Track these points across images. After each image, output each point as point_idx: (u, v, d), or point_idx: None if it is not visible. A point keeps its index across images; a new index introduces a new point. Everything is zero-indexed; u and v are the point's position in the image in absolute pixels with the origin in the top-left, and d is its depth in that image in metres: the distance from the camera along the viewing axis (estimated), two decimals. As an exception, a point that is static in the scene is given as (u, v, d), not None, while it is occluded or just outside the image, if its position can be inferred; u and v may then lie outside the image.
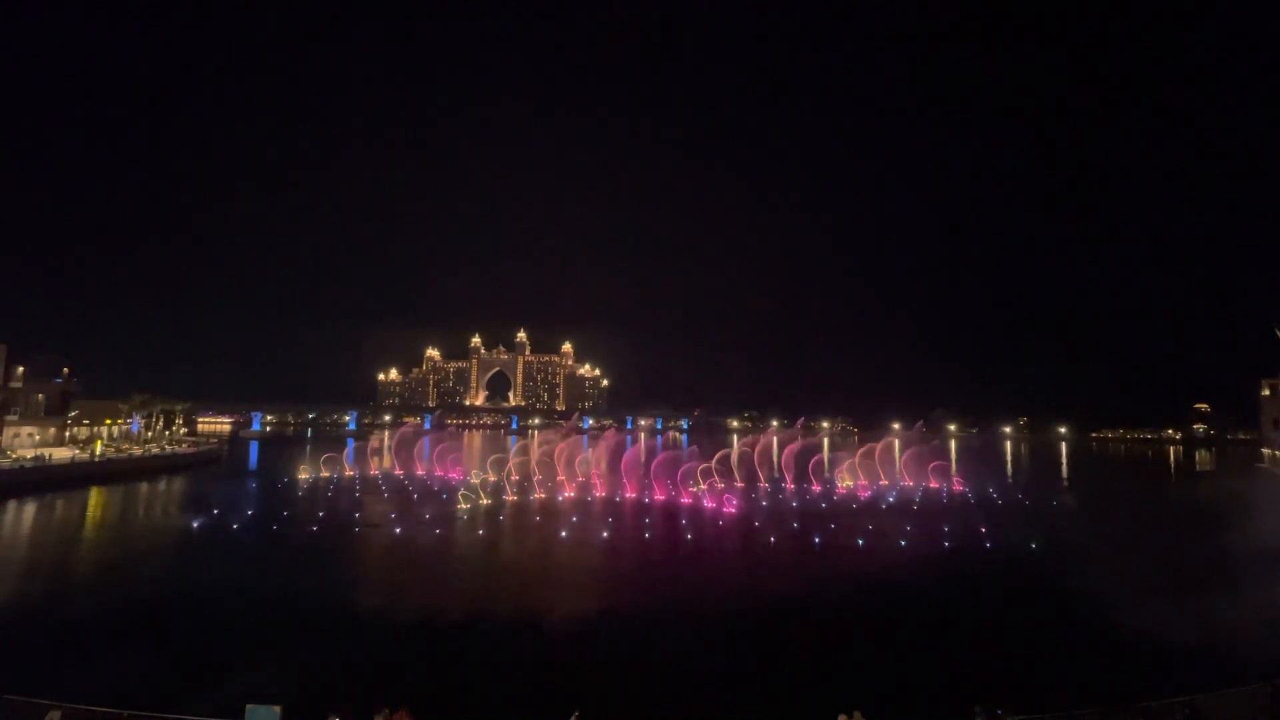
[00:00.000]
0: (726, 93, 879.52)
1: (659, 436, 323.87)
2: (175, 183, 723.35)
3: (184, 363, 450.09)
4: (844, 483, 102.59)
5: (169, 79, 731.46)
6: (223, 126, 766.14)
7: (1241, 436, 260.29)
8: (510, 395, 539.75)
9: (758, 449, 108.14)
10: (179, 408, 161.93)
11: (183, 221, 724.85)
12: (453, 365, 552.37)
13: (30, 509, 70.93)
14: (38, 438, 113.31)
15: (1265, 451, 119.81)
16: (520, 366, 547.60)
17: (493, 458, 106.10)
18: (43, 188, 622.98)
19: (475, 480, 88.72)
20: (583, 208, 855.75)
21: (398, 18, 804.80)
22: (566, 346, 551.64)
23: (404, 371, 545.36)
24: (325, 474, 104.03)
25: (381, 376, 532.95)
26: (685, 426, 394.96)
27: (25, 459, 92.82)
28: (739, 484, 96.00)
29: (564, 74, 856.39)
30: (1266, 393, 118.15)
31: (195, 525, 61.41)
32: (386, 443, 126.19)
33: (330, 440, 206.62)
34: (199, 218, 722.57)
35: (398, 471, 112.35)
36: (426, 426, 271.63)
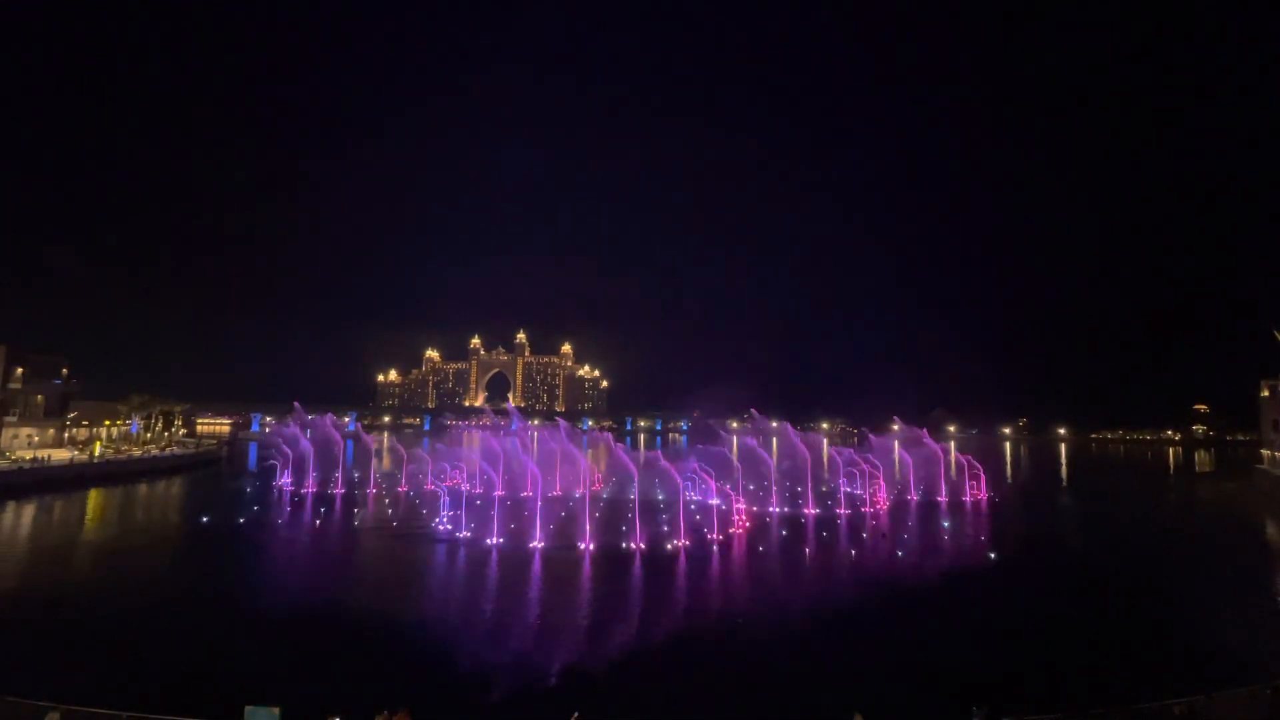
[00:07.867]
0: (727, 92, 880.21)
1: (659, 438, 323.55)
2: (175, 185, 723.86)
3: (183, 364, 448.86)
4: (844, 485, 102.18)
5: (169, 82, 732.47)
6: (223, 128, 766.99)
7: (1241, 438, 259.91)
8: (510, 396, 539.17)
9: (757, 450, 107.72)
10: (178, 409, 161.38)
11: (183, 223, 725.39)
12: (452, 366, 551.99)
13: (29, 510, 70.78)
14: (37, 439, 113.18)
15: (1265, 453, 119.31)
16: (520, 368, 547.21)
17: (491, 458, 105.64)
18: (43, 189, 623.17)
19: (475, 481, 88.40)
20: (583, 209, 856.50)
21: (396, 19, 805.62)
22: (566, 348, 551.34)
23: (404, 373, 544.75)
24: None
25: (381, 378, 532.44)
26: (685, 428, 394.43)
27: (24, 460, 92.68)
28: (742, 485, 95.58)
29: (563, 75, 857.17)
30: (1266, 394, 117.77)
31: (194, 527, 61.29)
32: (386, 444, 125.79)
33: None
34: (198, 219, 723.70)
35: (398, 474, 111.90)
36: (426, 428, 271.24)
